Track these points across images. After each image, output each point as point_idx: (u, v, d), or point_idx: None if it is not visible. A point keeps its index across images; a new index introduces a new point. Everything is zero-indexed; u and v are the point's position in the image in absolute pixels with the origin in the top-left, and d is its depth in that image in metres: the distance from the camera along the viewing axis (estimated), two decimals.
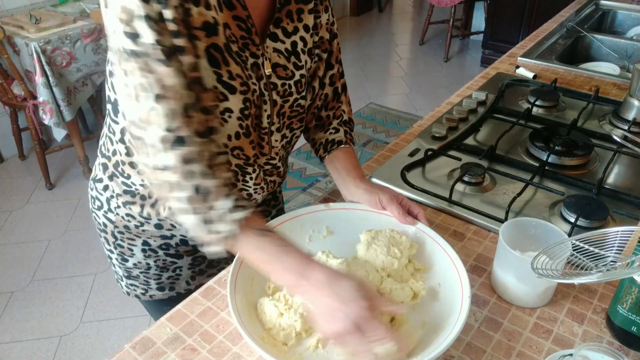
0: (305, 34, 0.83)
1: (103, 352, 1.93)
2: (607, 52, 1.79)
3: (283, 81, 0.82)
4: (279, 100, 0.83)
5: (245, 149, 0.83)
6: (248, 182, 0.88)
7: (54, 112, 2.58)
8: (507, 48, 1.83)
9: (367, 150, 3.15)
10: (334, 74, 0.95)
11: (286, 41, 0.81)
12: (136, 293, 1.02)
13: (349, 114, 1.01)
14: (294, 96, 0.85)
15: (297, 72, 0.84)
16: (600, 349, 0.61)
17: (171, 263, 0.98)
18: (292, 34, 0.81)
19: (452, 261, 0.78)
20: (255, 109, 0.80)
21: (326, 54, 0.91)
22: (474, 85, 1.50)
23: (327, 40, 0.90)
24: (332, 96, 0.97)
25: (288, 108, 0.85)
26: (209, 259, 1.02)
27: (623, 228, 0.69)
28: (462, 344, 0.73)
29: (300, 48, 0.83)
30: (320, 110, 0.98)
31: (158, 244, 0.94)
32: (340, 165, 0.94)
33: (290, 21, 0.81)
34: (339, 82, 0.97)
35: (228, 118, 0.76)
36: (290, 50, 0.82)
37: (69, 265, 2.35)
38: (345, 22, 5.46)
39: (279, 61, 0.81)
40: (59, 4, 3.00)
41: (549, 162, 1.10)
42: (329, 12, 0.88)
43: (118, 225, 0.92)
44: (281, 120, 0.86)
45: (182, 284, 1.02)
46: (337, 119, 0.99)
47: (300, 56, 0.83)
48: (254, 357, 0.72)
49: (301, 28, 0.82)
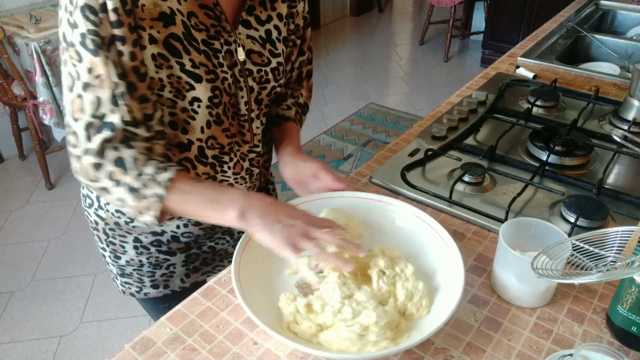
0: (279, 23, 0.85)
1: (103, 352, 1.93)
2: (607, 52, 1.79)
3: (259, 67, 0.84)
4: (256, 87, 0.85)
5: (219, 138, 0.84)
6: (227, 171, 0.89)
7: (54, 112, 2.58)
8: (507, 48, 1.83)
9: (367, 150, 3.15)
10: (303, 60, 0.99)
11: (260, 29, 0.83)
12: (131, 291, 1.02)
13: (306, 99, 1.05)
14: (271, 83, 0.87)
15: (273, 59, 0.85)
16: (600, 349, 0.61)
17: (164, 260, 0.98)
18: (265, 22, 0.83)
19: (448, 246, 0.80)
20: (230, 97, 0.82)
21: (300, 41, 0.94)
22: (474, 85, 1.50)
23: (302, 28, 0.93)
24: (295, 78, 1.01)
25: (265, 95, 0.87)
26: (202, 257, 1.02)
27: (623, 228, 0.69)
28: (462, 343, 0.73)
29: (275, 36, 0.85)
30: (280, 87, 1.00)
31: (149, 241, 0.94)
32: (282, 137, 0.98)
33: (264, 9, 0.83)
34: (305, 67, 1.01)
35: (197, 108, 0.78)
36: (265, 38, 0.84)
37: (69, 265, 2.35)
38: (345, 22, 5.46)
39: (253, 47, 0.82)
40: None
41: (549, 162, 1.10)
42: (304, 2, 0.91)
43: (109, 222, 0.92)
44: (259, 107, 0.88)
45: (176, 281, 1.02)
46: (293, 99, 1.02)
47: (276, 44, 0.85)
48: (254, 357, 0.72)
49: (275, 17, 0.84)
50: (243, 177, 0.92)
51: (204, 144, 0.83)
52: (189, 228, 0.93)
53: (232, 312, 0.78)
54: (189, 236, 0.95)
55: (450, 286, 0.75)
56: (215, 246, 1.02)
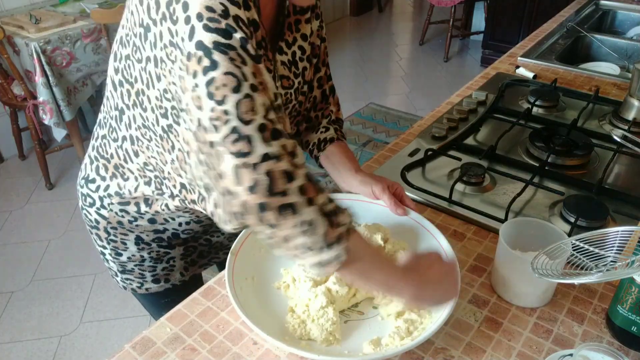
0: (303, 43, 0.86)
1: (103, 352, 1.93)
2: (607, 52, 1.79)
3: (286, 91, 0.85)
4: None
5: None
6: None
7: (54, 112, 2.58)
8: (507, 48, 1.83)
9: (367, 150, 3.15)
10: (322, 77, 0.98)
11: (288, 52, 0.84)
12: (132, 287, 1.03)
13: (337, 114, 1.04)
14: (292, 103, 0.88)
15: (295, 80, 0.86)
16: (600, 349, 0.61)
17: (164, 254, 0.99)
18: (292, 44, 0.84)
19: (443, 249, 0.81)
20: None
21: (315, 59, 0.94)
22: (474, 85, 1.50)
23: (318, 46, 0.93)
24: (320, 98, 1.00)
25: (287, 114, 0.88)
26: (199, 249, 1.04)
27: (623, 228, 0.69)
28: (462, 343, 0.73)
29: (299, 57, 0.86)
30: (310, 112, 1.01)
31: (151, 238, 0.95)
32: (335, 159, 0.96)
33: (290, 32, 0.84)
34: (326, 84, 1.00)
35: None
36: (291, 61, 0.85)
37: (69, 265, 2.35)
38: (345, 22, 5.46)
39: (283, 73, 0.84)
40: (59, 4, 3.01)
41: (549, 162, 1.10)
42: (319, 19, 0.91)
43: (111, 221, 0.93)
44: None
45: (176, 274, 1.03)
46: (326, 118, 1.02)
47: (299, 64, 0.86)
48: (254, 357, 0.72)
49: (299, 38, 0.85)
50: None
51: None
52: (191, 225, 0.94)
53: (232, 312, 0.78)
54: (189, 233, 0.96)
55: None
56: (211, 239, 1.04)
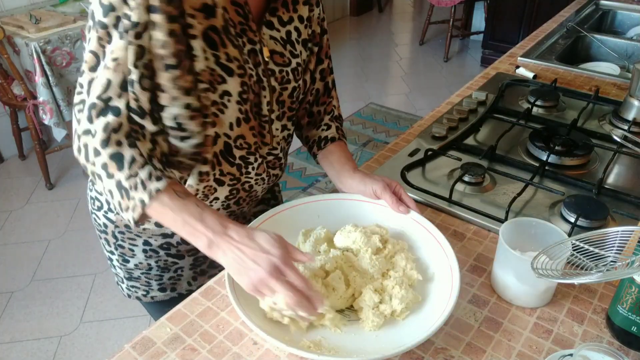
0: (299, 24, 0.86)
1: (103, 352, 1.93)
2: (607, 52, 1.79)
3: (281, 68, 0.84)
4: (277, 87, 0.85)
5: (247, 137, 0.85)
6: (250, 172, 0.89)
7: (54, 112, 2.58)
8: (507, 48, 1.83)
9: (367, 150, 3.15)
10: (324, 69, 0.98)
11: (281, 29, 0.84)
12: (137, 295, 1.02)
13: (339, 110, 1.04)
14: (291, 84, 0.87)
15: (293, 60, 0.86)
16: (600, 349, 0.61)
17: (172, 263, 0.98)
18: (287, 23, 0.84)
19: (443, 249, 0.81)
20: (254, 96, 0.82)
21: (317, 48, 0.94)
22: (474, 85, 1.50)
23: (319, 34, 0.93)
24: (322, 91, 1.00)
25: (287, 97, 0.88)
26: (210, 259, 1.01)
27: (623, 228, 0.69)
28: (462, 344, 0.73)
29: (295, 38, 0.86)
30: (312, 106, 1.00)
31: (159, 244, 0.94)
32: (334, 158, 0.97)
33: (286, 10, 0.84)
34: (329, 77, 1.00)
35: (227, 102, 0.78)
36: (286, 39, 0.84)
37: (69, 265, 2.35)
38: (345, 22, 5.46)
39: (275, 48, 0.83)
40: (59, 4, 3.01)
41: (549, 162, 1.10)
42: (320, 8, 0.91)
43: (119, 224, 0.92)
44: (281, 109, 0.88)
45: (183, 284, 1.02)
46: (329, 115, 1.01)
47: (295, 45, 0.86)
48: (254, 357, 0.72)
49: (296, 18, 0.85)
50: (263, 179, 0.93)
51: (232, 142, 0.83)
52: None
53: (232, 312, 0.78)
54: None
55: (447, 285, 0.75)
56: None
